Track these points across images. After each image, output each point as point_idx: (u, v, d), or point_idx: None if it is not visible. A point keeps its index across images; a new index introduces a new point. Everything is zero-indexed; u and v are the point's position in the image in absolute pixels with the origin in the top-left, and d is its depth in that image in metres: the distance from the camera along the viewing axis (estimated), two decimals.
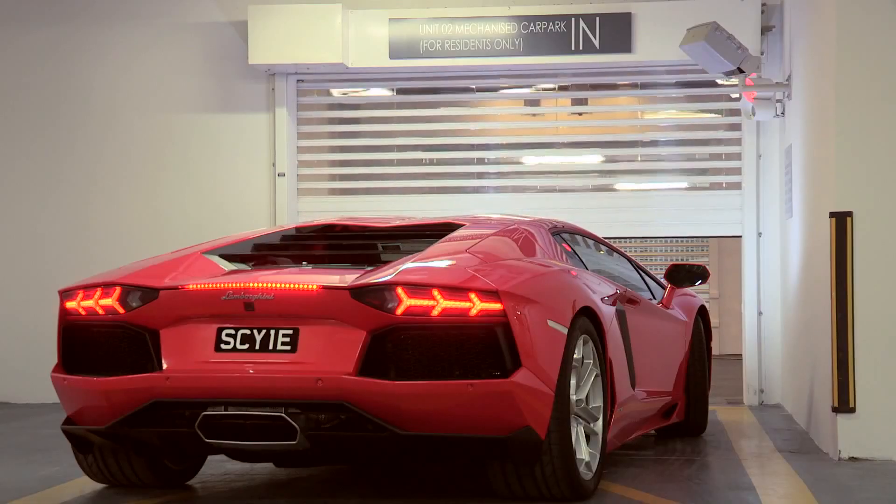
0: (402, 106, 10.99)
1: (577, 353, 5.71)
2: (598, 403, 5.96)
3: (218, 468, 6.74)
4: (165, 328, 5.55)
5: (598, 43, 10.19)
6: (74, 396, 5.73)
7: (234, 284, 5.47)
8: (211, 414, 5.34)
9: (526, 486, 5.52)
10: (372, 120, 11.09)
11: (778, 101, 9.74)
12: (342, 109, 11.33)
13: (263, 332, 5.41)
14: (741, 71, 9.15)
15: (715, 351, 16.03)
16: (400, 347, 5.28)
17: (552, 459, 5.44)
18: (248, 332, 5.44)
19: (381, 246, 6.37)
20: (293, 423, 5.26)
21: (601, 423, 5.98)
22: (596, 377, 5.95)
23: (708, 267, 8.11)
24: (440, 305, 5.26)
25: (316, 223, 6.95)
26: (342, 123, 11.25)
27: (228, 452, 5.89)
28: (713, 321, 15.96)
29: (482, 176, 10.88)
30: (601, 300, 6.25)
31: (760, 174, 10.35)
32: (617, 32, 10.17)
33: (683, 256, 16.68)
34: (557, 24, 10.23)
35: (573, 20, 10.22)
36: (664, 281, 8.08)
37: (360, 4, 10.45)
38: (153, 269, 5.84)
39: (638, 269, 7.99)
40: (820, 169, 7.66)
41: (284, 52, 10.26)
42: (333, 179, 11.12)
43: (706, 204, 10.59)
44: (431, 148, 11.02)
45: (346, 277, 5.48)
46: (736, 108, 10.39)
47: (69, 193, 10.79)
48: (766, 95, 9.69)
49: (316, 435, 5.31)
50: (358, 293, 5.31)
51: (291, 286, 5.42)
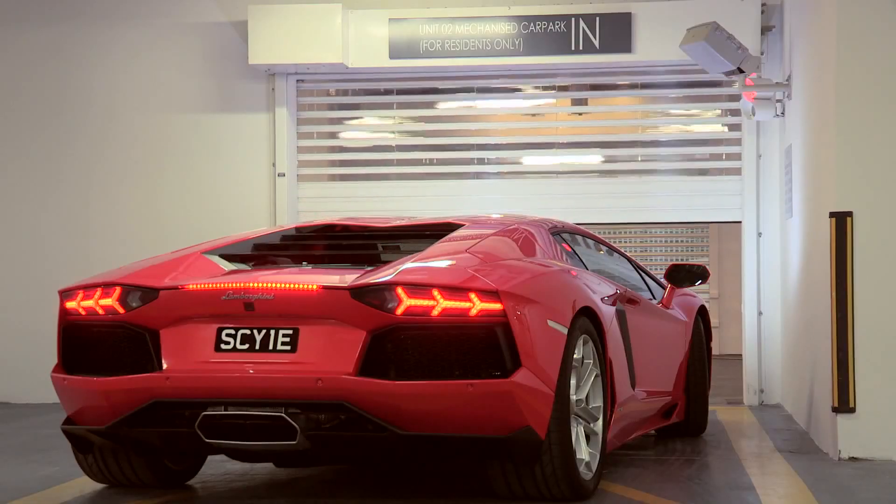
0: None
1: (577, 353, 5.71)
2: (598, 403, 5.96)
3: (218, 468, 6.74)
4: (165, 328, 5.54)
5: (598, 43, 10.19)
6: (74, 396, 5.72)
7: (234, 284, 5.46)
8: (211, 414, 5.34)
9: (526, 486, 5.52)
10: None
11: (778, 101, 9.74)
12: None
13: (263, 332, 5.41)
14: (741, 71, 9.14)
15: (715, 351, 16.01)
16: (400, 347, 5.27)
17: (552, 459, 5.44)
18: (248, 332, 5.43)
19: (381, 246, 6.36)
20: (293, 423, 5.26)
21: (601, 423, 5.97)
22: (596, 377, 5.95)
23: (708, 267, 8.12)
24: (440, 305, 5.26)
25: (316, 223, 6.95)
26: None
27: (228, 452, 5.88)
28: (713, 321, 15.94)
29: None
30: (601, 300, 6.25)
31: (760, 174, 10.35)
32: (617, 32, 10.17)
33: (683, 256, 16.67)
34: (557, 24, 10.23)
35: (573, 20, 10.21)
36: (664, 281, 8.08)
37: (360, 4, 10.45)
38: (153, 269, 5.83)
39: (638, 269, 7.98)
40: (820, 169, 7.66)
41: (284, 52, 10.26)
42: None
43: (706, 189, 10.61)
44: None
45: (346, 277, 5.48)
46: (736, 108, 10.39)
47: (69, 193, 10.79)
48: (766, 95, 9.69)
49: (316, 435, 5.30)
50: (358, 293, 5.31)
51: (291, 286, 5.41)
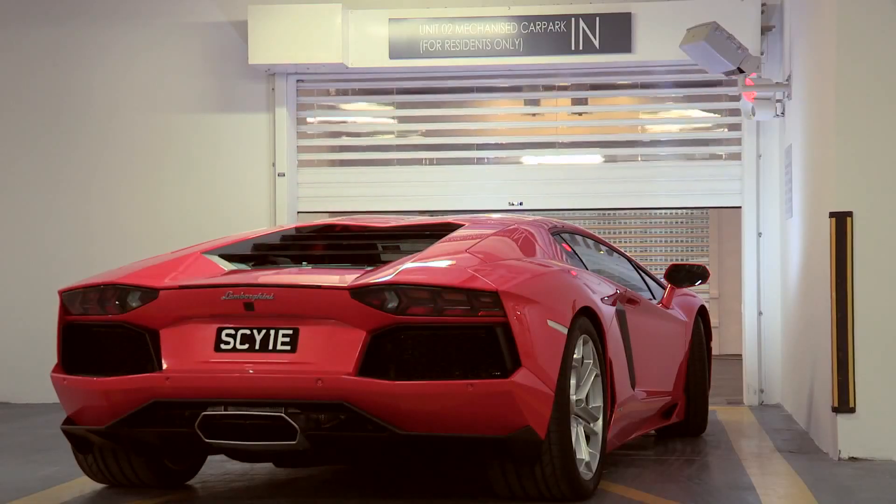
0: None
1: (576, 353, 5.71)
2: (598, 403, 5.96)
3: (218, 468, 6.74)
4: (165, 328, 5.54)
5: (598, 43, 10.18)
6: (74, 396, 5.72)
7: (234, 284, 5.46)
8: (211, 414, 5.34)
9: (526, 486, 5.52)
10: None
11: (778, 101, 9.74)
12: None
13: (263, 332, 5.41)
14: (741, 71, 9.14)
15: (715, 351, 15.98)
16: (400, 347, 5.28)
17: (552, 459, 5.44)
18: (247, 332, 5.43)
19: (380, 246, 6.35)
20: (293, 423, 5.25)
21: (601, 423, 5.97)
22: (596, 377, 5.95)
23: (708, 267, 8.12)
24: (440, 305, 5.25)
25: (316, 223, 6.95)
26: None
27: (228, 452, 5.89)
28: (713, 321, 15.95)
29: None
30: (601, 300, 6.24)
31: (760, 174, 10.34)
32: (617, 32, 10.17)
33: (684, 257, 16.66)
34: (557, 24, 10.22)
35: (573, 20, 10.21)
36: (664, 281, 8.08)
37: (360, 4, 10.45)
38: (153, 269, 5.83)
39: (638, 268, 7.98)
40: (820, 169, 7.66)
41: (284, 52, 10.25)
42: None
43: (706, 175, 10.63)
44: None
45: (345, 277, 5.48)
46: (736, 108, 10.39)
47: (69, 193, 10.79)
48: (766, 95, 9.69)
49: (316, 435, 5.30)
50: (358, 293, 5.31)
51: (291, 286, 5.42)
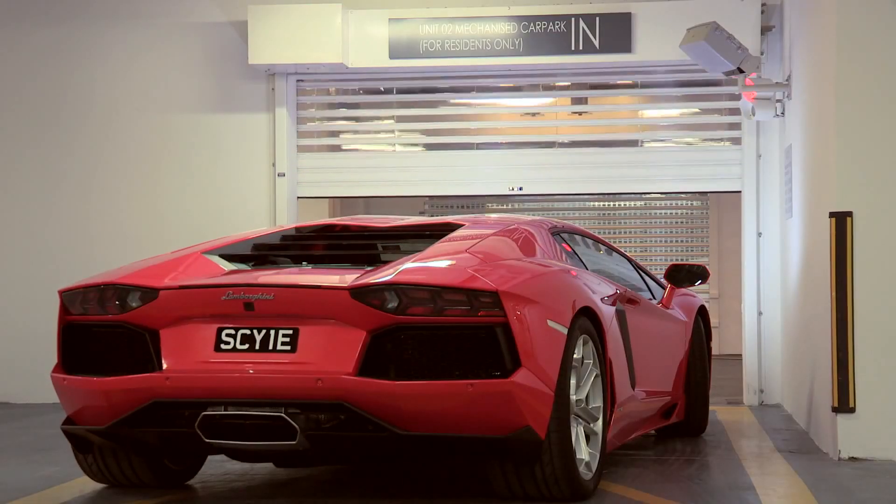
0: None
1: (577, 353, 5.71)
2: (598, 403, 5.96)
3: (218, 468, 6.74)
4: (165, 328, 5.54)
5: (597, 43, 10.18)
6: (74, 396, 5.72)
7: (234, 284, 5.46)
8: (211, 414, 5.33)
9: (526, 486, 5.52)
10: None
11: (778, 101, 9.74)
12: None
13: (263, 332, 5.41)
14: (741, 71, 9.14)
15: (715, 351, 15.99)
16: (400, 347, 5.27)
17: (552, 459, 5.43)
18: (248, 332, 5.43)
19: (380, 246, 6.35)
20: (293, 423, 5.25)
21: (601, 423, 5.97)
22: (596, 377, 5.95)
23: (708, 267, 8.12)
24: (440, 305, 5.25)
25: (316, 223, 6.95)
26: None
27: (228, 452, 5.89)
28: (713, 321, 15.97)
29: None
30: (601, 300, 6.24)
31: (760, 174, 10.34)
32: (617, 32, 10.16)
33: (684, 257, 16.66)
34: (557, 24, 10.22)
35: (573, 20, 10.21)
36: (664, 281, 8.09)
37: (360, 4, 10.45)
38: (153, 269, 5.82)
39: (637, 268, 7.99)
40: (820, 169, 7.66)
41: (284, 52, 10.25)
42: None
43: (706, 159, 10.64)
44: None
45: (346, 277, 5.48)
46: (736, 107, 10.38)
47: (69, 193, 10.79)
48: (766, 95, 9.69)
49: (316, 435, 5.30)
50: (358, 293, 5.31)
51: (292, 286, 5.42)
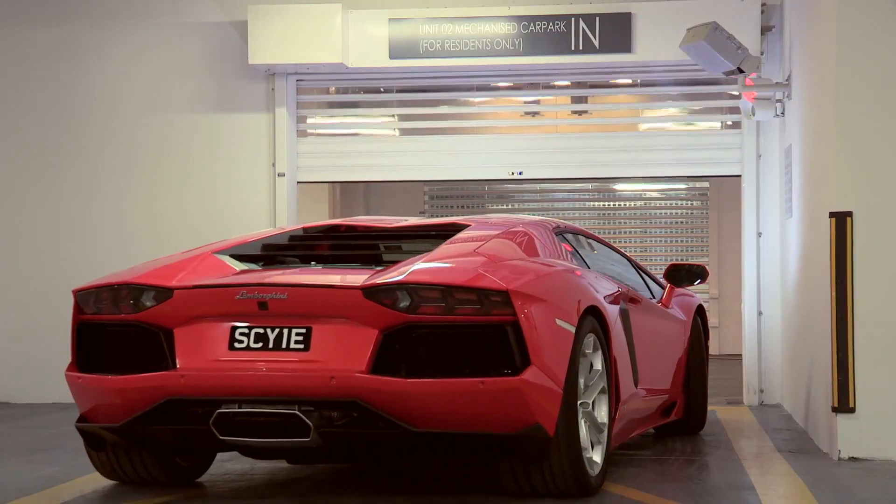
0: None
1: (583, 351, 5.77)
2: (603, 401, 6.03)
3: (218, 468, 6.74)
4: (179, 327, 5.59)
5: (597, 43, 10.18)
6: (88, 394, 5.78)
7: (248, 284, 5.53)
8: (226, 411, 5.39)
9: (534, 481, 5.59)
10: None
11: (778, 101, 9.74)
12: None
13: (277, 330, 5.46)
14: (741, 71, 9.14)
15: (715, 351, 16.05)
16: (411, 346, 5.34)
17: (560, 456, 5.50)
18: (261, 330, 5.48)
19: (389, 246, 6.43)
20: (307, 420, 5.31)
21: (606, 420, 6.04)
22: (601, 376, 6.01)
23: (707, 267, 8.13)
24: (451, 304, 5.31)
25: (322, 224, 7.01)
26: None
27: (241, 449, 5.93)
28: (713, 321, 16.01)
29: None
30: (605, 299, 6.30)
31: (760, 174, 10.35)
32: (617, 32, 10.17)
33: (684, 257, 16.66)
34: (557, 24, 10.22)
35: (573, 20, 10.21)
36: (663, 281, 8.12)
37: (360, 4, 10.45)
38: (166, 268, 5.87)
39: (637, 268, 8.01)
40: (820, 169, 7.66)
41: (284, 52, 10.25)
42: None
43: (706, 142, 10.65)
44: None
45: (358, 277, 5.54)
46: (736, 107, 10.38)
47: (69, 193, 10.79)
48: (766, 95, 9.68)
49: (329, 432, 5.36)
50: (370, 292, 5.37)
51: (305, 286, 5.49)
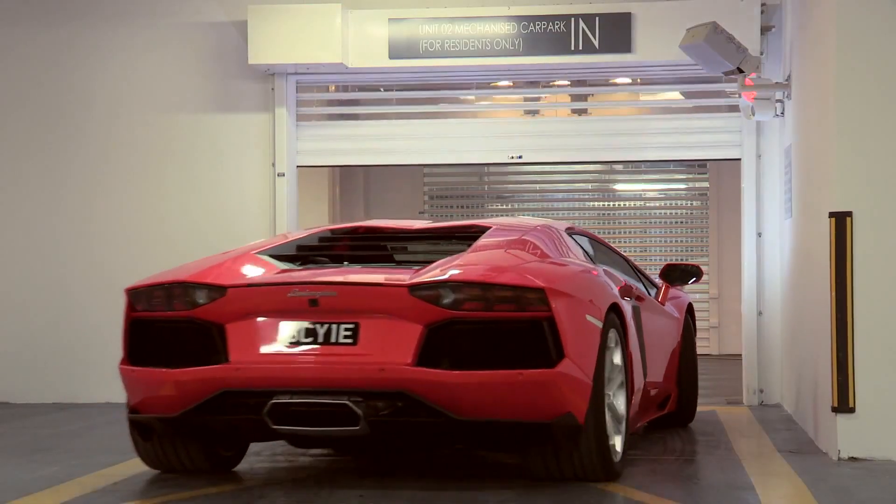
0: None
1: (608, 345, 6.12)
2: (621, 394, 6.37)
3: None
4: (231, 322, 5.88)
5: (597, 43, 10.19)
6: (142, 387, 6.07)
7: (299, 282, 5.84)
8: (279, 402, 5.68)
9: (563, 467, 5.93)
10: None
11: (778, 100, 9.74)
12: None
13: (326, 326, 5.77)
14: (741, 71, 9.15)
15: (715, 351, 16.08)
16: (454, 340, 5.66)
17: (588, 443, 5.85)
18: (311, 326, 5.80)
19: (416, 248, 6.88)
20: (356, 409, 5.61)
21: (624, 410, 6.39)
22: (620, 370, 6.36)
23: (703, 267, 8.26)
24: (491, 301, 5.64)
25: (345, 226, 7.37)
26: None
27: (290, 438, 6.31)
28: (712, 321, 16.04)
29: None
30: (621, 296, 6.65)
31: (760, 174, 10.35)
32: (616, 32, 10.16)
33: (683, 257, 16.66)
34: (557, 24, 10.22)
35: (573, 20, 10.21)
36: (659, 280, 8.44)
37: (359, 4, 10.44)
38: (215, 268, 6.20)
39: (634, 268, 8.24)
40: (820, 169, 7.66)
41: (284, 52, 10.25)
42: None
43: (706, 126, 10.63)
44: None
45: (402, 276, 5.86)
46: (736, 107, 10.38)
47: (71, 193, 10.78)
48: (765, 95, 9.68)
49: (377, 421, 5.66)
50: (416, 290, 5.69)
51: (354, 283, 5.84)
